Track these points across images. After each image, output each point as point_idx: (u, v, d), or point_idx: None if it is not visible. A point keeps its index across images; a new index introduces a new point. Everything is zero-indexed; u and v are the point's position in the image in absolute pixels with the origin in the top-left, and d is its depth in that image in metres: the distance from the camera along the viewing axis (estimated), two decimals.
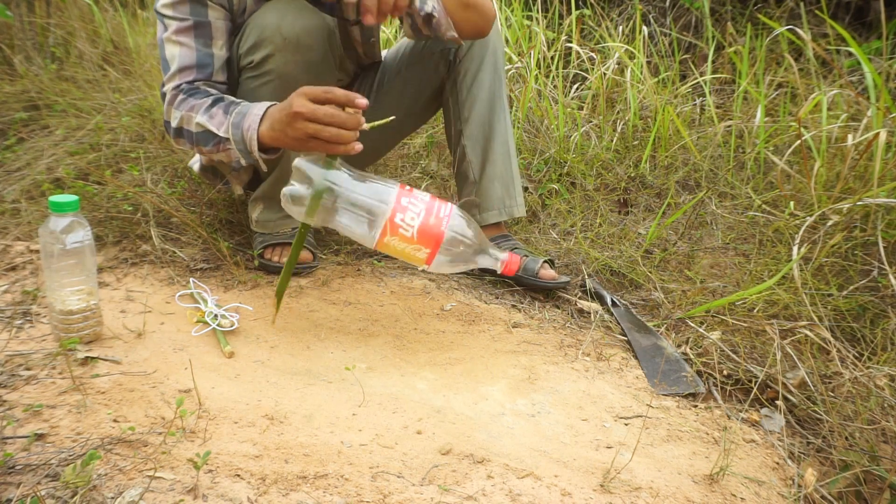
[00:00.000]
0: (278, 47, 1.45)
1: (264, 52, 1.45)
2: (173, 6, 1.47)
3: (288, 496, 0.97)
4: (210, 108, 1.43)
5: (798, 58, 2.52)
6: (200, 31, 1.48)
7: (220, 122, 1.41)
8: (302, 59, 1.47)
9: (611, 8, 3.09)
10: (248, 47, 1.47)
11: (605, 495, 1.04)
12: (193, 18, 1.47)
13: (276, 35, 1.44)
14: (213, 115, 1.42)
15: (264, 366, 1.32)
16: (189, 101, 1.46)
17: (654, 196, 2.12)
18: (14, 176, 1.98)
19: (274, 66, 1.46)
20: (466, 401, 1.26)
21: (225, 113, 1.41)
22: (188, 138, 1.48)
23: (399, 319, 1.51)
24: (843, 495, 1.17)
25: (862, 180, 1.75)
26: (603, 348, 1.47)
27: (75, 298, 1.28)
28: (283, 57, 1.45)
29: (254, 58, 1.47)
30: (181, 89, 1.48)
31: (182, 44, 1.48)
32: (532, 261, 1.65)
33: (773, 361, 1.37)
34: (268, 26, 1.45)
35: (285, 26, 1.44)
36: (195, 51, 1.48)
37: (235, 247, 1.69)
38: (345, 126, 1.23)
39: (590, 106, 2.47)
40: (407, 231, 1.25)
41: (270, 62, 1.46)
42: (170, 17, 1.47)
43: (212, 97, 1.45)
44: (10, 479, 0.94)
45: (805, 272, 1.56)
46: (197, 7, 1.47)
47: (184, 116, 1.46)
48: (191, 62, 1.48)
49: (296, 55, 1.46)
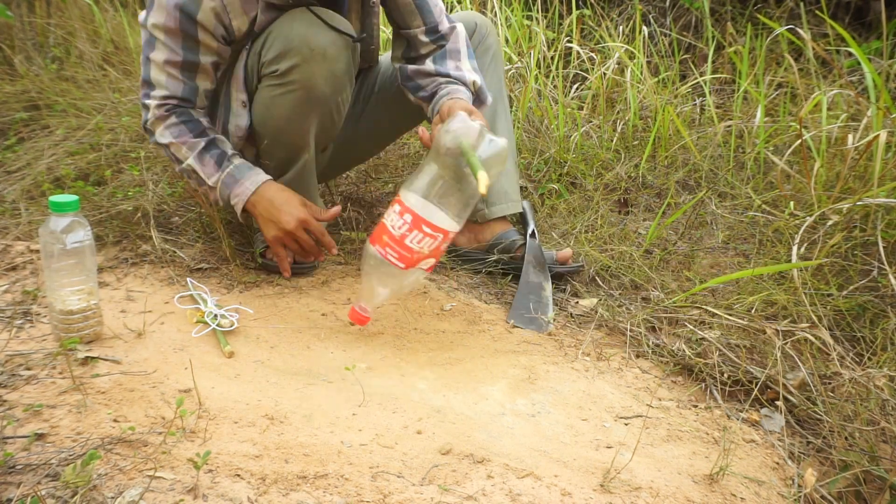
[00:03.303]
0: (305, 58, 1.44)
1: (291, 61, 1.45)
2: (165, 33, 1.45)
3: (288, 496, 0.97)
4: (203, 153, 1.52)
5: (798, 58, 2.52)
6: (188, 67, 1.49)
7: (211, 174, 1.53)
8: (328, 69, 1.47)
9: (611, 8, 3.09)
10: (273, 56, 1.46)
11: (605, 495, 1.04)
12: (183, 55, 1.47)
13: (303, 46, 1.44)
14: (206, 163, 1.52)
15: (264, 366, 1.32)
16: (181, 128, 1.52)
17: (654, 196, 2.12)
18: (14, 176, 1.98)
19: (299, 77, 1.46)
20: (466, 401, 1.26)
21: (217, 166, 1.52)
22: (172, 160, 1.57)
23: (399, 319, 1.51)
24: (842, 495, 1.17)
25: (862, 180, 1.75)
26: (603, 348, 1.48)
27: (75, 298, 1.28)
28: (310, 68, 1.45)
29: (279, 67, 1.46)
30: (170, 109, 1.51)
31: (169, 74, 1.49)
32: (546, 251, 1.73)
33: (773, 362, 1.37)
34: (295, 36, 1.44)
35: (312, 37, 1.44)
36: (182, 84, 1.51)
37: (236, 247, 1.69)
38: (310, 253, 1.58)
39: (590, 106, 2.47)
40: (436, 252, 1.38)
41: (296, 72, 1.46)
42: (160, 42, 1.47)
43: (204, 139, 1.52)
44: (10, 478, 0.94)
45: (805, 272, 1.56)
46: (189, 43, 1.47)
47: (174, 144, 1.52)
48: (177, 93, 1.51)
49: (322, 66, 1.46)
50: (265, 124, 1.53)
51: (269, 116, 1.51)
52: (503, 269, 1.72)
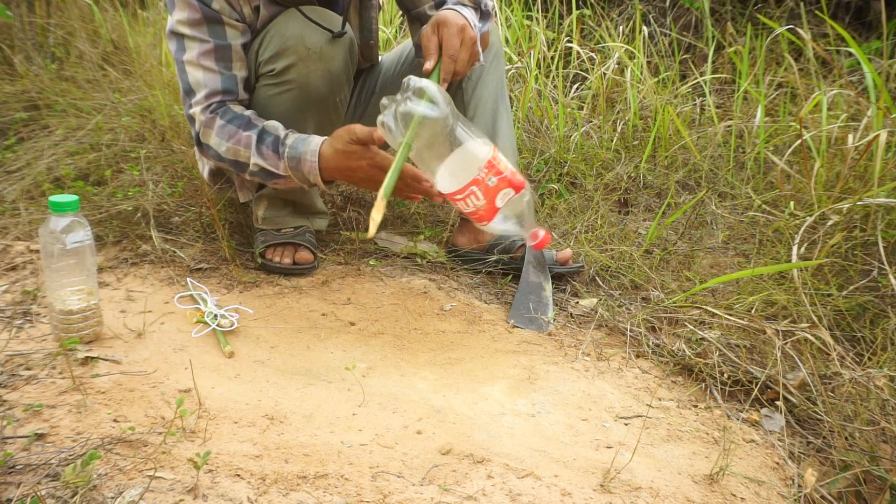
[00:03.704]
0: (301, 57, 1.45)
1: (287, 61, 1.45)
2: (191, 26, 1.44)
3: (288, 496, 0.97)
4: (259, 146, 1.44)
5: (798, 58, 2.52)
6: (221, 54, 1.46)
7: (276, 163, 1.44)
8: (324, 68, 1.47)
9: (611, 8, 3.09)
10: (269, 56, 1.46)
11: (605, 495, 1.04)
12: (214, 41, 1.45)
13: (299, 45, 1.44)
14: (266, 155, 1.44)
15: (264, 366, 1.32)
16: (229, 129, 1.46)
17: (654, 196, 2.12)
18: (14, 176, 1.98)
19: (296, 76, 1.46)
20: (466, 401, 1.26)
21: (275, 152, 1.44)
22: (236, 170, 1.51)
23: (399, 319, 1.51)
24: (842, 495, 1.17)
25: (862, 180, 1.75)
26: (603, 348, 1.48)
27: (75, 298, 1.28)
28: (306, 67, 1.45)
29: (276, 66, 1.46)
30: (212, 110, 1.47)
31: (206, 68, 1.46)
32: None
33: (773, 362, 1.37)
34: (291, 36, 1.44)
35: (309, 36, 1.44)
36: (219, 75, 1.47)
37: (236, 247, 1.69)
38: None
39: (590, 106, 2.47)
40: (505, 171, 1.29)
41: (292, 71, 1.46)
42: (189, 38, 1.45)
43: (255, 131, 1.45)
44: (10, 478, 0.94)
45: (805, 272, 1.56)
46: (215, 27, 1.45)
47: (231, 149, 1.46)
48: (217, 87, 1.47)
49: (318, 65, 1.46)
50: None
51: (267, 115, 1.51)
52: (503, 269, 1.72)
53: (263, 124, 1.47)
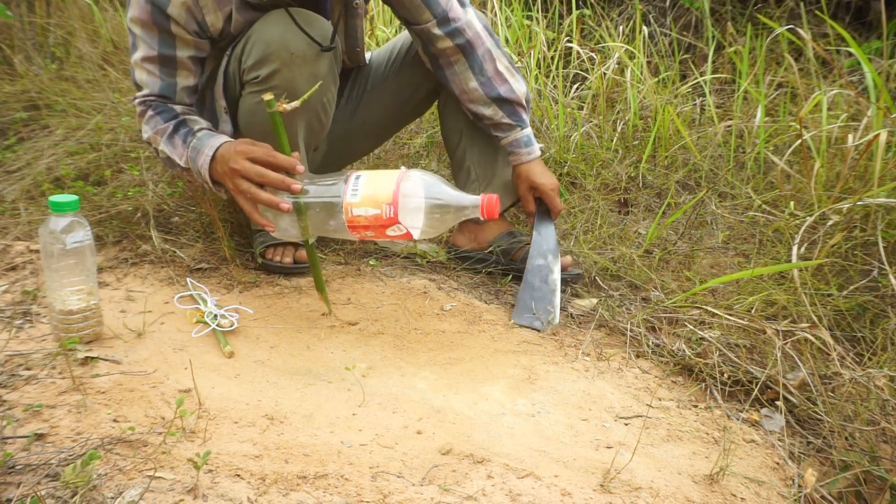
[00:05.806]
0: (285, 62, 1.42)
1: (271, 67, 1.43)
2: (141, 27, 1.43)
3: (288, 496, 0.97)
4: (172, 135, 1.46)
5: (798, 58, 2.51)
6: (165, 63, 1.46)
7: (181, 154, 1.44)
8: (309, 72, 1.45)
9: (611, 8, 3.09)
10: (253, 62, 1.44)
11: (605, 495, 1.04)
12: (159, 51, 1.44)
13: (282, 50, 1.42)
14: (175, 144, 1.45)
15: (264, 366, 1.32)
16: (155, 119, 1.48)
17: (654, 196, 2.12)
18: (14, 176, 1.98)
19: (281, 82, 1.44)
20: (466, 401, 1.26)
21: (184, 143, 1.44)
22: (156, 156, 1.54)
23: (399, 319, 1.51)
24: (843, 495, 1.17)
25: (862, 180, 1.75)
26: (603, 348, 1.48)
27: (75, 298, 1.28)
28: (291, 72, 1.43)
29: (260, 73, 1.44)
30: (148, 104, 1.49)
31: (148, 71, 1.47)
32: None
33: (773, 362, 1.37)
34: (273, 41, 1.42)
35: (291, 41, 1.42)
36: (160, 80, 1.47)
37: (236, 247, 1.69)
38: (274, 183, 1.30)
39: (590, 106, 2.47)
40: (367, 223, 1.28)
41: (277, 77, 1.44)
42: (139, 38, 1.45)
43: (174, 122, 1.46)
44: (10, 478, 0.94)
45: (805, 272, 1.56)
46: (165, 38, 1.43)
47: (151, 138, 1.49)
48: (154, 90, 1.48)
49: (303, 69, 1.44)
50: (251, 130, 1.51)
51: (255, 122, 1.49)
52: (503, 269, 1.72)
53: (187, 117, 1.47)
